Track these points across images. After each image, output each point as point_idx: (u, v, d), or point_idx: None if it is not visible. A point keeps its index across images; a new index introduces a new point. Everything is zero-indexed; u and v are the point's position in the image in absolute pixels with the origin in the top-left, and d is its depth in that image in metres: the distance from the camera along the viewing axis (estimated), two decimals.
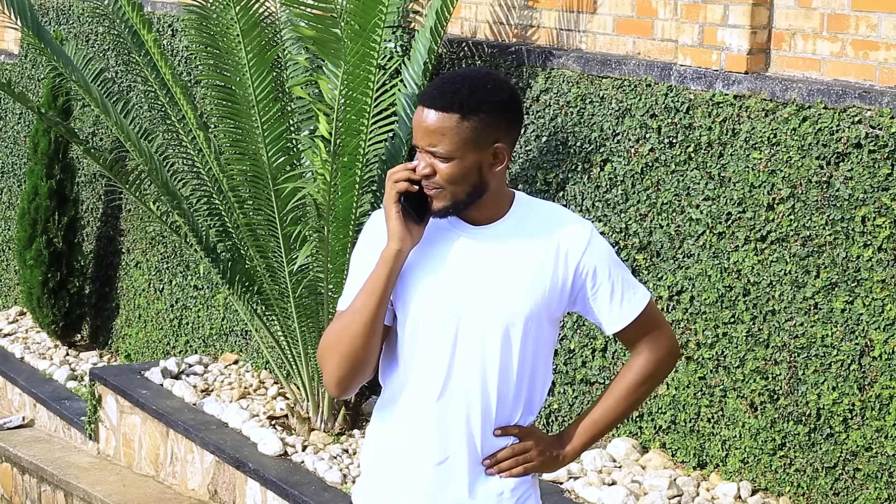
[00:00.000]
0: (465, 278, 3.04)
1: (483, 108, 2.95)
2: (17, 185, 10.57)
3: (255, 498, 6.44)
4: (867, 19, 5.52)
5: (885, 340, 5.15)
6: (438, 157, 2.96)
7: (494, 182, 3.03)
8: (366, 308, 3.01)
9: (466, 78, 2.99)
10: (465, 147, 2.96)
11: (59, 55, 7.06)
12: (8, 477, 8.18)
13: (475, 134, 2.96)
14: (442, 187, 2.98)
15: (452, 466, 3.07)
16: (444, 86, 2.98)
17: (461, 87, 2.96)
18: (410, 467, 3.09)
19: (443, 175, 2.97)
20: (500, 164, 3.01)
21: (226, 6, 6.22)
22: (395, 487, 3.12)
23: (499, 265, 3.04)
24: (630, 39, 6.50)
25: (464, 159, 2.96)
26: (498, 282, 3.03)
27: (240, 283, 6.90)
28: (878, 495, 5.19)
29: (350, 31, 5.83)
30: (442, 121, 2.94)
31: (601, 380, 6.19)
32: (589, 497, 5.61)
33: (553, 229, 3.08)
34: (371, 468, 3.18)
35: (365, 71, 6.02)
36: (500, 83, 3.02)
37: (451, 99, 2.94)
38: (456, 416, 3.05)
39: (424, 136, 2.97)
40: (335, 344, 3.05)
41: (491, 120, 2.97)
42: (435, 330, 3.04)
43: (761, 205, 5.61)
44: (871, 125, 5.26)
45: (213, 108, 6.62)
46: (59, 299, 9.39)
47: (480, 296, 3.03)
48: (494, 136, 2.98)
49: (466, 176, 2.98)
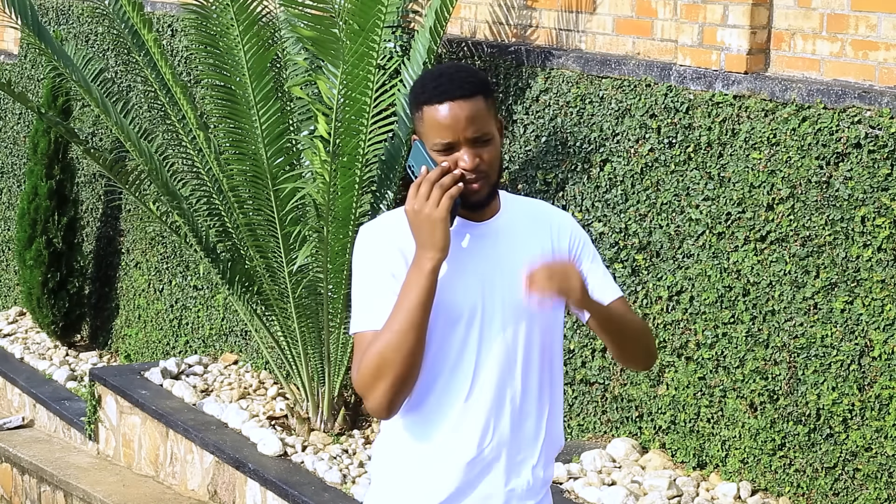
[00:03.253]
0: (481, 275, 3.06)
1: (489, 87, 3.07)
2: (17, 185, 10.57)
3: (255, 498, 6.44)
4: (867, 19, 5.51)
5: (884, 340, 5.15)
6: (482, 142, 3.02)
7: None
8: (416, 325, 2.92)
9: (460, 68, 3.08)
10: (494, 125, 3.06)
11: (59, 55, 7.06)
12: (8, 477, 8.18)
13: (494, 111, 3.08)
14: (486, 174, 3.04)
15: (484, 463, 3.07)
16: (454, 76, 3.03)
17: (469, 75, 3.05)
18: (440, 468, 3.07)
19: (488, 159, 3.03)
20: (502, 136, 3.14)
21: (225, 6, 6.22)
22: (424, 489, 3.09)
23: (509, 258, 3.08)
24: (630, 39, 6.50)
25: (496, 136, 3.06)
26: (512, 275, 3.05)
27: (239, 284, 6.90)
28: (877, 495, 5.19)
29: (349, 31, 5.83)
30: (476, 106, 3.01)
31: (601, 380, 6.19)
32: (589, 497, 5.61)
33: (542, 217, 3.19)
34: (393, 473, 3.12)
35: (364, 71, 6.02)
36: (474, 68, 3.18)
37: (473, 83, 3.02)
38: (485, 414, 3.05)
39: (467, 128, 3.00)
40: (386, 368, 2.93)
41: (493, 96, 3.10)
42: (457, 330, 3.03)
43: (761, 205, 5.60)
44: (871, 125, 5.25)
45: (212, 108, 6.62)
46: (59, 299, 9.39)
47: (498, 291, 3.06)
48: (497, 110, 3.12)
49: (498, 154, 3.07)
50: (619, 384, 6.13)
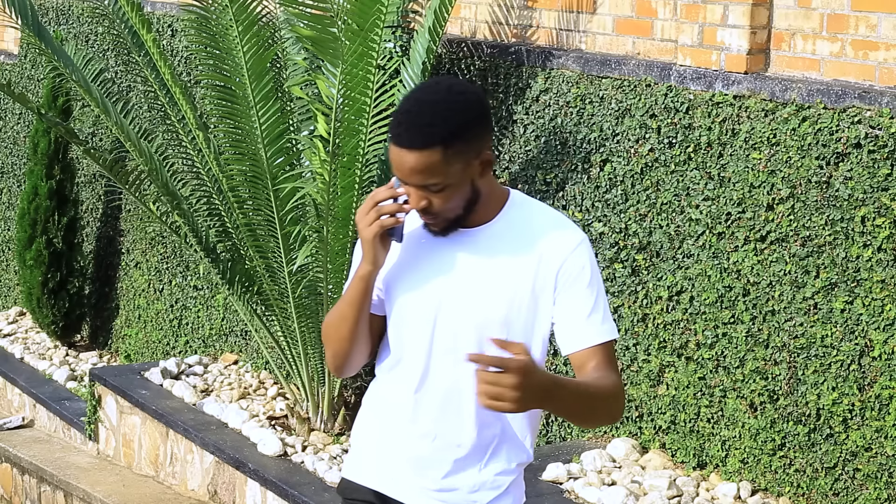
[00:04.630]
0: (445, 281, 3.04)
1: (462, 131, 2.88)
2: (17, 185, 10.57)
3: (255, 498, 6.44)
4: (867, 19, 5.51)
5: (884, 340, 5.15)
6: (432, 190, 2.91)
7: (485, 187, 3.00)
8: (346, 317, 3.11)
9: (433, 105, 2.89)
10: (456, 172, 2.90)
11: (59, 55, 7.06)
12: (8, 477, 8.18)
13: (462, 156, 2.90)
14: (439, 214, 2.96)
15: (427, 456, 3.09)
16: (414, 121, 2.87)
17: (434, 118, 2.86)
18: (386, 453, 3.14)
19: (440, 205, 2.94)
20: (489, 168, 2.97)
21: (225, 6, 6.22)
22: (374, 471, 3.17)
23: (479, 269, 3.02)
24: (630, 39, 6.50)
25: (458, 182, 2.92)
26: (475, 286, 3.01)
27: (239, 284, 6.90)
28: (877, 495, 5.18)
29: (349, 30, 5.83)
30: (426, 158, 2.86)
31: None
32: (589, 497, 5.61)
33: (540, 234, 3.01)
34: (354, 447, 3.25)
35: (364, 70, 6.02)
36: (465, 96, 2.92)
37: (428, 134, 2.85)
38: (431, 411, 3.07)
39: (412, 176, 2.90)
40: (327, 338, 3.18)
41: (472, 137, 2.91)
42: (415, 328, 3.07)
43: (761, 205, 5.60)
44: (871, 125, 5.25)
45: (212, 108, 6.62)
46: (59, 300, 9.39)
47: (456, 299, 3.02)
48: (478, 149, 2.93)
49: (461, 195, 2.95)
50: None
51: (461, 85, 2.98)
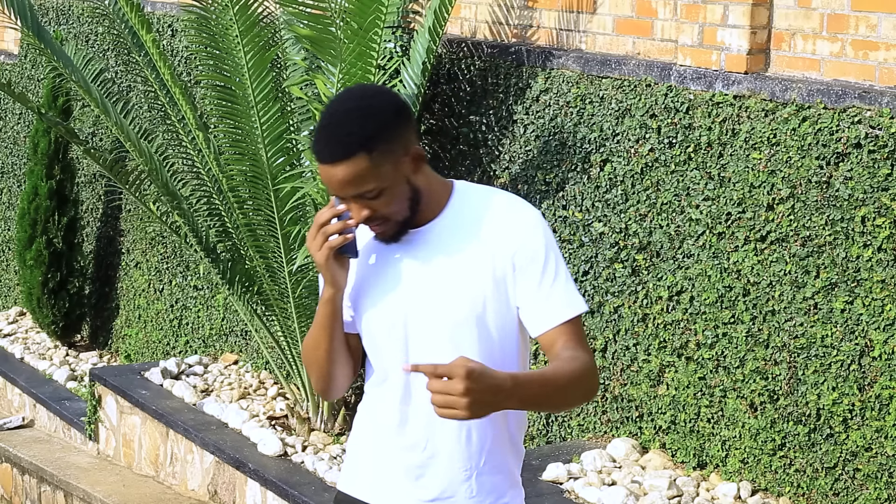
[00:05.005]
0: (406, 288, 3.00)
1: (381, 132, 2.87)
2: (17, 185, 10.57)
3: (255, 498, 6.44)
4: (867, 19, 5.51)
5: (884, 340, 5.15)
6: (369, 197, 2.90)
7: (423, 183, 2.96)
8: (318, 341, 3.11)
9: (345, 114, 2.88)
10: (387, 173, 2.88)
11: (59, 55, 7.06)
12: (8, 477, 8.18)
13: (389, 156, 2.88)
14: (384, 220, 2.94)
15: (420, 466, 3.06)
16: (332, 134, 2.86)
17: (351, 127, 2.85)
18: (379, 466, 3.11)
19: (381, 209, 2.92)
20: (422, 163, 2.95)
21: (225, 7, 6.22)
22: (368, 483, 3.14)
23: (435, 268, 2.98)
24: (630, 39, 6.50)
25: (392, 184, 2.90)
26: (436, 287, 2.97)
27: (240, 284, 6.90)
28: (877, 495, 5.18)
29: (348, 30, 5.83)
30: (354, 168, 2.85)
31: (601, 380, 6.19)
32: (589, 497, 5.61)
33: (489, 219, 2.96)
34: (348, 460, 3.23)
35: (363, 70, 6.02)
36: (378, 98, 2.92)
37: (348, 143, 2.84)
38: (419, 421, 3.03)
39: (345, 188, 2.88)
40: (307, 364, 3.18)
41: (394, 136, 2.89)
42: (388, 342, 3.03)
43: (761, 205, 5.60)
44: (871, 125, 5.25)
45: (212, 108, 6.62)
46: (59, 300, 9.39)
47: (421, 305, 2.98)
48: (404, 146, 2.91)
49: (401, 196, 2.92)
50: (620, 384, 6.13)
51: (372, 88, 3.00)
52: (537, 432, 6.47)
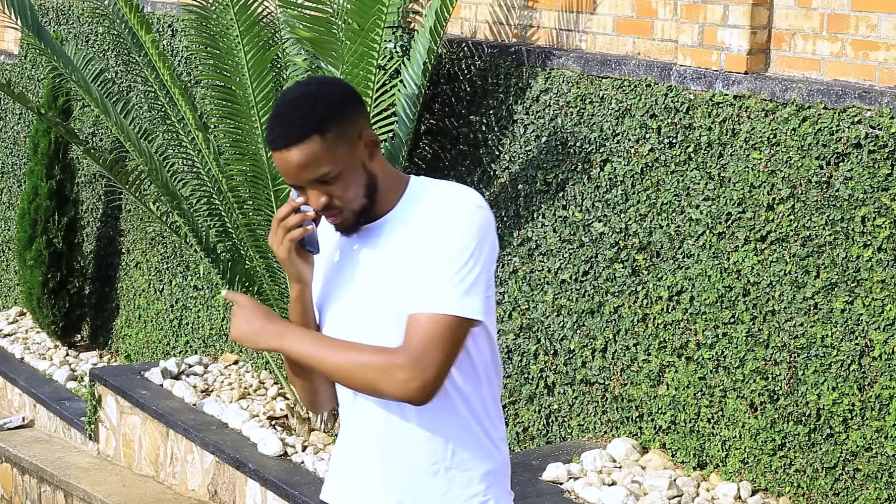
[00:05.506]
0: (359, 281, 3.00)
1: (332, 114, 2.89)
2: (17, 185, 10.57)
3: (255, 498, 6.44)
4: (867, 19, 5.51)
5: (885, 340, 5.15)
6: (327, 181, 2.90)
7: (379, 171, 2.96)
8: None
9: (296, 101, 2.90)
10: (342, 156, 2.89)
11: (59, 55, 7.06)
12: (8, 477, 8.18)
13: (342, 139, 2.89)
14: (343, 209, 2.93)
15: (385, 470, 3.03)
16: (284, 120, 2.89)
17: (301, 111, 2.87)
18: (351, 471, 3.10)
19: (339, 195, 2.91)
20: (377, 149, 2.96)
21: (225, 7, 6.22)
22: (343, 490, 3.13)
23: (385, 262, 2.97)
24: (630, 39, 6.50)
25: (348, 167, 2.90)
26: (384, 277, 2.96)
27: (240, 284, 6.90)
28: (878, 495, 5.18)
29: (349, 30, 5.83)
30: (308, 150, 2.87)
31: (601, 380, 6.19)
32: (589, 497, 5.61)
33: (435, 211, 2.94)
34: (329, 469, 3.23)
35: (364, 71, 6.02)
36: (327, 84, 2.95)
37: (300, 126, 2.86)
38: (376, 417, 3.01)
39: (302, 173, 2.89)
40: (291, 376, 3.14)
41: (346, 118, 2.91)
42: (342, 335, 3.02)
43: (761, 205, 5.60)
44: (871, 125, 5.25)
45: (212, 108, 6.63)
46: (59, 300, 9.39)
47: (371, 294, 2.97)
48: (357, 129, 2.93)
49: (357, 180, 2.92)
50: (620, 384, 6.13)
51: (322, 77, 3.02)
52: (537, 432, 6.47)
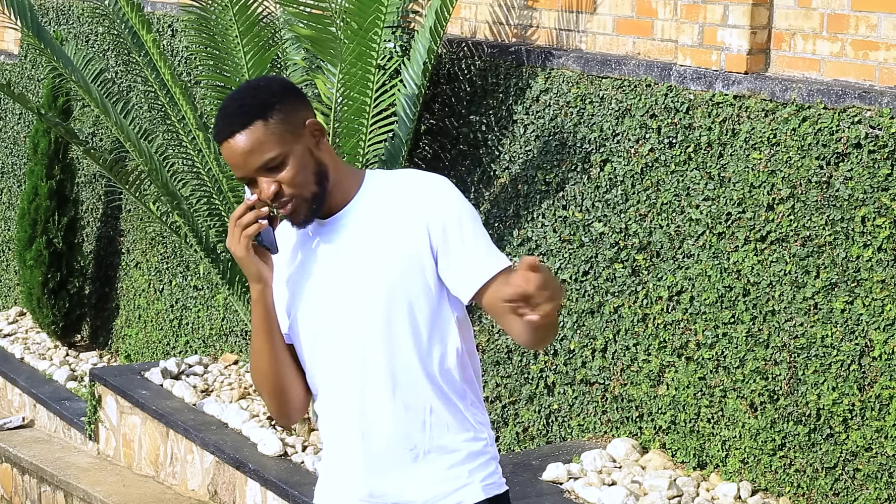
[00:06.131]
0: (323, 277, 2.99)
1: (273, 101, 2.92)
2: (17, 185, 10.57)
3: (255, 498, 6.44)
4: (867, 19, 5.51)
5: (885, 340, 5.15)
6: (273, 167, 2.91)
7: (329, 160, 2.97)
8: (259, 350, 3.06)
9: (240, 93, 2.96)
10: (287, 141, 2.91)
11: (59, 55, 7.06)
12: (8, 477, 8.18)
13: (286, 124, 2.92)
14: (293, 196, 2.92)
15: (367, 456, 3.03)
16: (229, 111, 2.93)
17: (244, 101, 2.92)
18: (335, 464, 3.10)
19: (288, 180, 2.91)
20: (322, 137, 2.97)
21: (225, 7, 6.23)
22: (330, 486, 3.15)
23: (350, 254, 2.97)
24: (630, 39, 6.50)
25: (294, 153, 2.91)
26: (366, 263, 2.95)
27: (240, 284, 6.90)
28: (878, 495, 5.18)
29: (348, 30, 5.83)
30: (252, 135, 2.89)
31: (601, 380, 6.19)
32: (589, 497, 5.61)
33: (402, 197, 2.96)
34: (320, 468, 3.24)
35: (363, 70, 6.02)
36: (266, 79, 3.05)
37: (243, 114, 2.90)
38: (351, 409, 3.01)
39: (249, 159, 2.90)
40: (257, 385, 3.11)
41: (287, 105, 2.94)
42: (313, 341, 3.02)
43: (761, 205, 5.60)
44: (871, 125, 5.25)
45: (212, 108, 6.63)
46: (59, 300, 9.39)
47: (354, 282, 2.95)
48: (301, 117, 2.95)
49: (305, 166, 2.92)
50: (619, 384, 6.13)
51: (262, 76, 3.14)
52: (537, 432, 6.47)
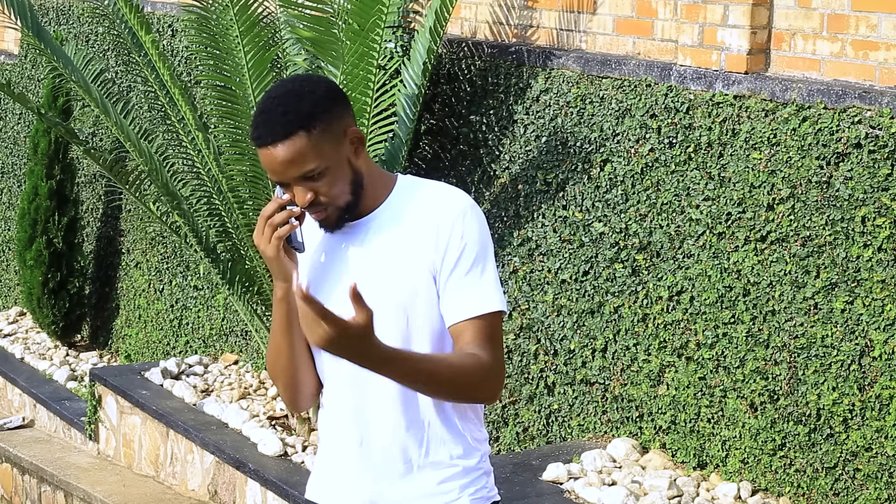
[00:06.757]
0: (341, 283, 2.98)
1: (317, 110, 2.87)
2: (17, 185, 10.57)
3: (255, 498, 6.44)
4: (867, 19, 5.51)
5: (885, 340, 5.15)
6: (312, 178, 2.89)
7: (364, 167, 2.96)
8: (278, 347, 3.07)
9: (280, 97, 2.90)
10: (328, 152, 2.88)
11: (59, 55, 7.06)
12: (8, 477, 8.18)
13: (328, 135, 2.88)
14: (328, 205, 2.92)
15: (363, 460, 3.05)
16: (270, 117, 2.87)
17: (286, 107, 2.87)
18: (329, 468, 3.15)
19: (325, 191, 2.90)
20: (362, 146, 2.95)
21: (225, 7, 6.22)
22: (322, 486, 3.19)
23: (372, 258, 2.96)
24: (630, 39, 6.50)
25: (334, 164, 2.89)
26: (371, 275, 2.94)
27: (240, 284, 6.90)
28: (878, 495, 5.19)
29: (349, 31, 5.83)
30: (294, 146, 2.85)
31: (601, 380, 6.19)
32: (589, 497, 5.61)
33: (428, 210, 2.94)
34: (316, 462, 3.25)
35: (364, 71, 6.02)
36: (311, 81, 2.95)
37: (286, 123, 2.85)
38: (348, 414, 3.05)
39: (289, 169, 2.87)
40: (272, 374, 3.13)
41: (330, 115, 2.90)
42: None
43: (761, 205, 5.60)
44: (871, 125, 5.25)
45: (212, 108, 6.63)
46: (59, 300, 9.39)
47: (368, 292, 2.88)
48: (342, 126, 2.92)
49: (343, 177, 2.91)
50: (620, 384, 6.13)
51: (305, 75, 3.03)
52: (537, 432, 6.47)
